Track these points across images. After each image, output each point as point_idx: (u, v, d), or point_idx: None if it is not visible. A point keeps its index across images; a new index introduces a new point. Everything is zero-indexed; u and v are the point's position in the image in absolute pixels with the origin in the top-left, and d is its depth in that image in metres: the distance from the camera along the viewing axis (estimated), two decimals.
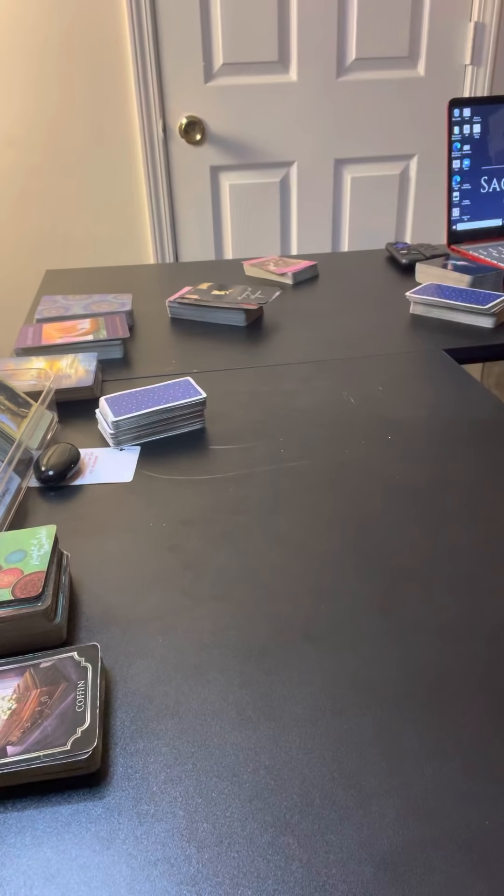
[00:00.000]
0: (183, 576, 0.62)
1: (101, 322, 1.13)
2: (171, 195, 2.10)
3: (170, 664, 0.53)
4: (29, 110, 1.94)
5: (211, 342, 1.14)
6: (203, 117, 2.03)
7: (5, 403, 0.82)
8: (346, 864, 0.39)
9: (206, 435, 0.86)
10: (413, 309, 1.23)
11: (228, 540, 0.67)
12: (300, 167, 2.14)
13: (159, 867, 0.40)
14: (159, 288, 1.42)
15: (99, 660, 0.50)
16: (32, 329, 1.11)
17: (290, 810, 0.42)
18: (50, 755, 0.44)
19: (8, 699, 0.48)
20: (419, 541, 0.66)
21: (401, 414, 0.89)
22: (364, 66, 2.06)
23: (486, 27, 2.04)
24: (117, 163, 2.03)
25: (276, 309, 1.28)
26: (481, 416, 0.88)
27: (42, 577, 0.55)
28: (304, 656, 0.53)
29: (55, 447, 0.79)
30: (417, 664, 0.52)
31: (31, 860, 0.41)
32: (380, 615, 0.57)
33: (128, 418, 0.83)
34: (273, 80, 2.03)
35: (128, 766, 0.46)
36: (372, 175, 2.20)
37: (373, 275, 1.46)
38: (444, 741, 0.46)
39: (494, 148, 1.46)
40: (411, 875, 0.39)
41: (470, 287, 1.25)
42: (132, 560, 0.65)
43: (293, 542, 0.66)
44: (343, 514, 0.70)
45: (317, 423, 0.87)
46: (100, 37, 1.89)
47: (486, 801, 0.43)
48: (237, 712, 0.49)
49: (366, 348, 1.09)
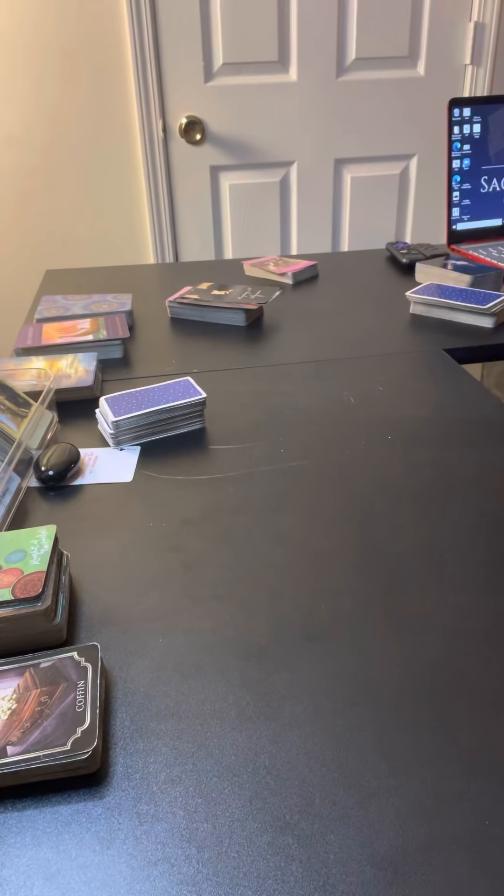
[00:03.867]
0: (183, 576, 0.62)
1: (101, 322, 1.13)
2: (171, 195, 2.10)
3: (170, 664, 0.53)
4: (29, 110, 1.94)
5: (211, 342, 1.14)
6: (203, 117, 2.03)
7: (5, 403, 0.82)
8: (346, 864, 0.39)
9: (206, 435, 0.86)
10: (413, 309, 1.23)
11: (229, 540, 0.67)
12: (300, 167, 2.14)
13: (159, 867, 0.40)
14: (159, 288, 1.42)
15: (99, 660, 0.50)
16: (32, 329, 1.11)
17: (290, 810, 0.42)
18: (50, 755, 0.44)
19: (8, 699, 0.48)
20: (419, 540, 0.66)
21: (401, 414, 0.89)
22: (364, 65, 2.06)
23: (486, 27, 2.04)
24: (117, 163, 2.03)
25: (276, 309, 1.28)
26: (481, 416, 0.88)
27: (42, 577, 0.55)
28: (304, 656, 0.53)
29: (55, 447, 0.79)
30: (417, 664, 0.52)
31: (31, 860, 0.41)
32: (380, 615, 0.57)
33: (128, 418, 0.83)
34: (273, 80, 2.03)
35: (128, 766, 0.46)
36: (372, 175, 2.20)
37: (373, 275, 1.46)
38: (445, 741, 0.46)
39: (494, 148, 1.46)
40: (411, 875, 0.39)
41: (470, 287, 1.25)
42: (132, 560, 0.65)
43: (293, 541, 0.66)
44: (343, 514, 0.70)
45: (317, 423, 0.87)
46: (100, 37, 1.89)
47: (486, 801, 0.43)
48: (237, 712, 0.49)
49: (366, 348, 1.09)
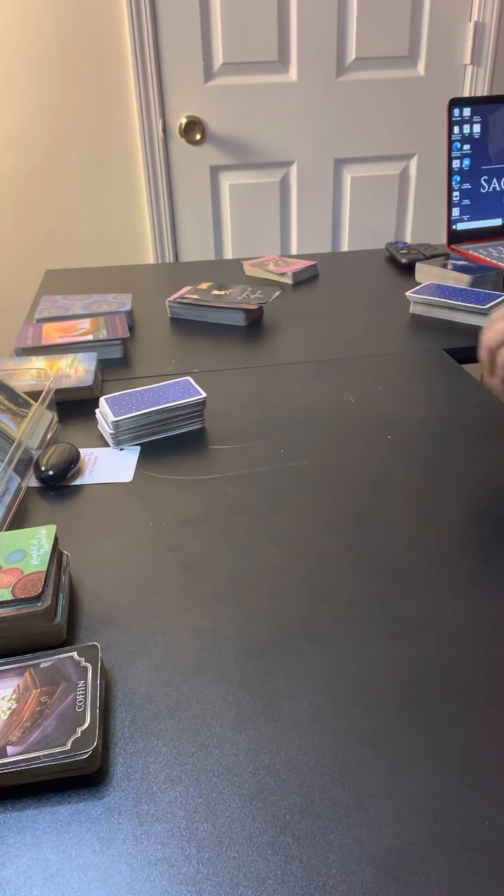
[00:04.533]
0: (183, 576, 0.62)
1: (101, 322, 1.13)
2: (171, 195, 2.10)
3: (170, 664, 0.53)
4: (29, 111, 1.94)
5: (211, 342, 1.14)
6: (203, 117, 2.03)
7: (5, 403, 0.82)
8: (346, 864, 0.39)
9: (206, 435, 0.86)
10: (413, 309, 1.23)
11: (228, 540, 0.67)
12: (300, 167, 2.14)
13: (159, 867, 0.40)
14: (159, 288, 1.42)
15: (99, 660, 0.50)
16: (32, 329, 1.11)
17: (290, 810, 0.42)
18: (50, 755, 0.44)
19: (8, 699, 0.48)
20: (419, 540, 0.66)
21: (401, 414, 0.89)
22: (364, 65, 2.06)
23: (486, 27, 2.04)
24: (117, 163, 2.03)
25: (276, 309, 1.28)
26: (481, 416, 0.88)
27: (42, 577, 0.55)
28: (304, 656, 0.53)
29: (55, 447, 0.79)
30: (417, 664, 0.52)
31: (31, 860, 0.41)
32: (380, 615, 0.57)
33: (128, 418, 0.83)
34: (273, 80, 2.02)
35: (128, 766, 0.46)
36: (372, 175, 2.20)
37: (373, 275, 1.46)
38: (445, 741, 0.46)
39: (494, 147, 1.46)
40: (411, 875, 0.39)
41: (470, 287, 1.25)
42: (132, 560, 0.65)
43: (293, 541, 0.66)
44: (343, 514, 0.70)
45: (317, 423, 0.87)
46: (100, 37, 1.89)
47: (486, 801, 0.43)
48: (237, 712, 0.49)
49: (366, 348, 1.09)
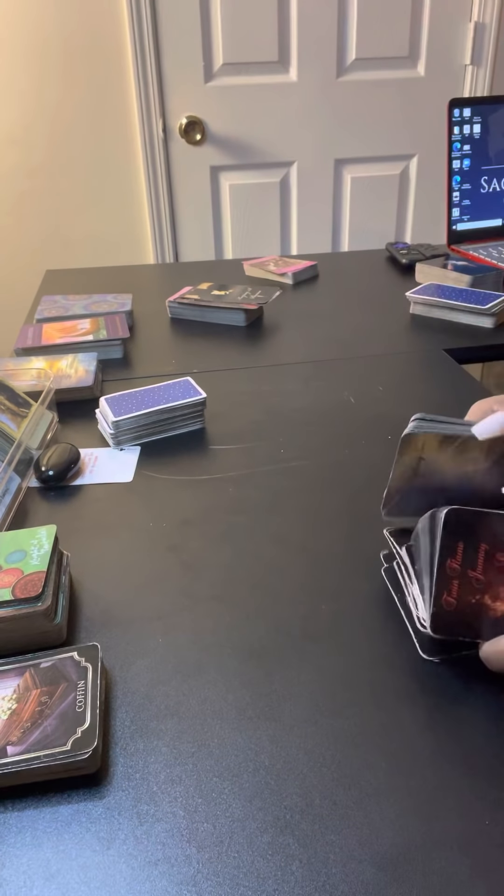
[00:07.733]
0: (183, 576, 0.62)
1: (101, 322, 1.13)
2: (171, 195, 2.10)
3: (170, 664, 0.53)
4: (29, 110, 1.94)
5: (211, 342, 1.14)
6: (203, 117, 2.03)
7: (5, 403, 0.82)
8: (346, 864, 0.39)
9: (206, 435, 0.86)
10: (413, 309, 1.23)
11: (228, 540, 0.67)
12: (300, 167, 2.14)
13: (159, 867, 0.40)
14: (159, 288, 1.42)
15: (99, 660, 0.50)
16: (32, 329, 1.11)
17: (290, 810, 0.42)
18: (50, 755, 0.44)
19: (8, 699, 0.48)
20: None
21: (401, 414, 0.89)
22: (364, 66, 2.06)
23: (486, 27, 2.04)
24: (117, 163, 2.03)
25: (276, 309, 1.28)
26: None
27: (42, 577, 0.55)
28: (304, 656, 0.53)
29: (55, 447, 0.79)
30: (417, 664, 0.52)
31: (31, 860, 0.41)
32: (379, 615, 0.57)
33: (128, 418, 0.83)
34: (273, 80, 2.03)
35: (128, 766, 0.46)
36: (372, 175, 2.20)
37: (373, 275, 1.46)
38: (445, 741, 0.46)
39: (494, 148, 1.46)
40: (411, 875, 0.39)
41: (470, 287, 1.25)
42: (132, 560, 0.65)
43: (293, 541, 0.66)
44: (343, 514, 0.70)
45: (317, 423, 0.87)
46: (100, 37, 1.89)
47: (486, 801, 0.43)
48: (237, 712, 0.49)
49: (366, 348, 1.09)
